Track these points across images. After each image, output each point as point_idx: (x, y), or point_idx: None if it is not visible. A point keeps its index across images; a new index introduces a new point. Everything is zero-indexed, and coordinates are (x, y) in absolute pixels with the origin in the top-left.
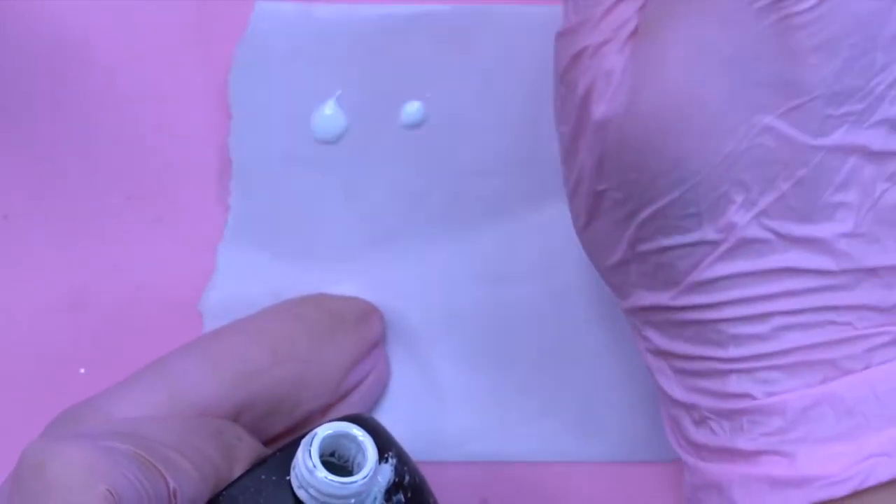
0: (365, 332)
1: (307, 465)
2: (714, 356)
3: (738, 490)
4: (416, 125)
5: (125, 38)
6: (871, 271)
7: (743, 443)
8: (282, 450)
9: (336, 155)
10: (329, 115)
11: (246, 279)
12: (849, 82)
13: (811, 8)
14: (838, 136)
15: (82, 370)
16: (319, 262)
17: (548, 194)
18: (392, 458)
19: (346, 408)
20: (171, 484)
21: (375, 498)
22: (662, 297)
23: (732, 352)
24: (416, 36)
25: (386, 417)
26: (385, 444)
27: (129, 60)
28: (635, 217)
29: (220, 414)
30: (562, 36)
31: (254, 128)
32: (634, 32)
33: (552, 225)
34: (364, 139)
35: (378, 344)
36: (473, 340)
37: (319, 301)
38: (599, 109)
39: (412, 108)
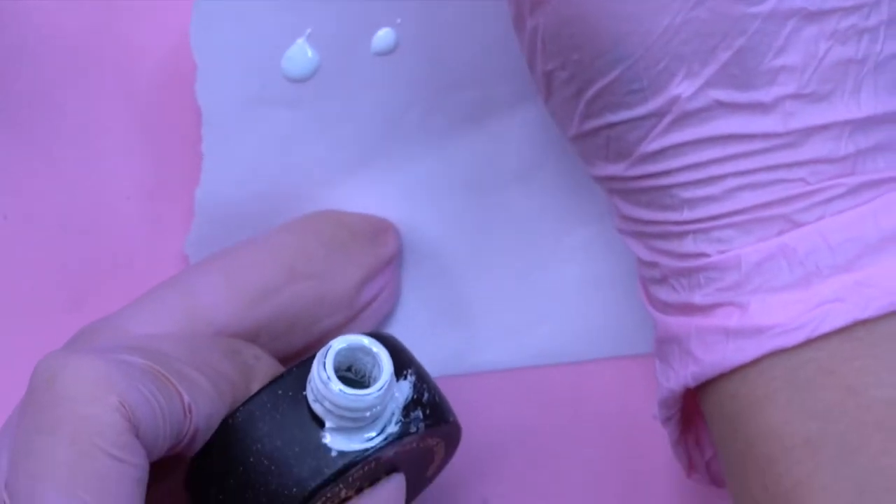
0: (380, 249)
1: (322, 378)
2: (669, 220)
3: (695, 341)
4: (388, 52)
5: (126, 38)
6: (820, 127)
7: (699, 297)
8: (298, 366)
9: (309, 91)
10: (299, 53)
11: (228, 219)
12: None
13: None
14: (774, 2)
15: None
16: (300, 191)
17: (525, 98)
18: (411, 375)
19: (359, 325)
20: (186, 399)
21: (393, 413)
22: (618, 168)
23: (686, 214)
24: None
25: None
26: (404, 362)
27: (129, 60)
28: (583, 95)
29: (238, 332)
30: None
31: (221, 74)
32: None
33: (531, 127)
34: (337, 73)
35: (392, 261)
36: (462, 250)
37: (335, 217)
38: None
39: (383, 35)
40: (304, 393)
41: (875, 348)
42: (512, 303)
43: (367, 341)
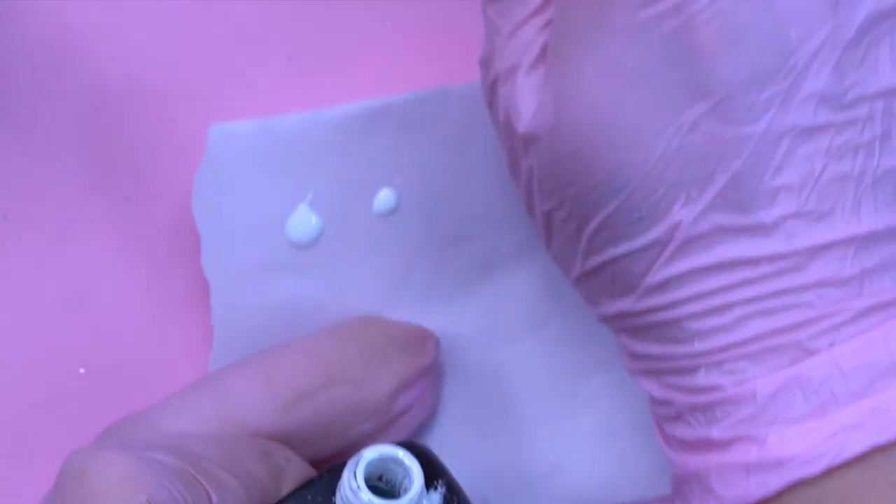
0: (418, 357)
1: (352, 487)
2: (681, 353)
3: (716, 478)
4: (390, 212)
5: (126, 38)
6: (824, 247)
7: (717, 432)
8: (329, 471)
9: (315, 256)
10: (303, 219)
11: None
12: (767, 65)
13: (710, 3)
14: (767, 121)
15: (82, 370)
16: None
17: (528, 248)
18: (441, 486)
19: (393, 432)
20: (215, 499)
21: None
22: (625, 304)
23: (697, 346)
24: (378, 128)
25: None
26: (435, 472)
27: (130, 60)
28: (583, 231)
29: (271, 433)
30: (481, 65)
31: (226, 245)
32: (543, 53)
33: (537, 277)
34: (341, 236)
35: (430, 370)
36: (475, 403)
37: (375, 323)
38: (521, 127)
39: (384, 196)
40: (334, 499)
41: (892, 475)
42: (527, 455)
43: (400, 453)
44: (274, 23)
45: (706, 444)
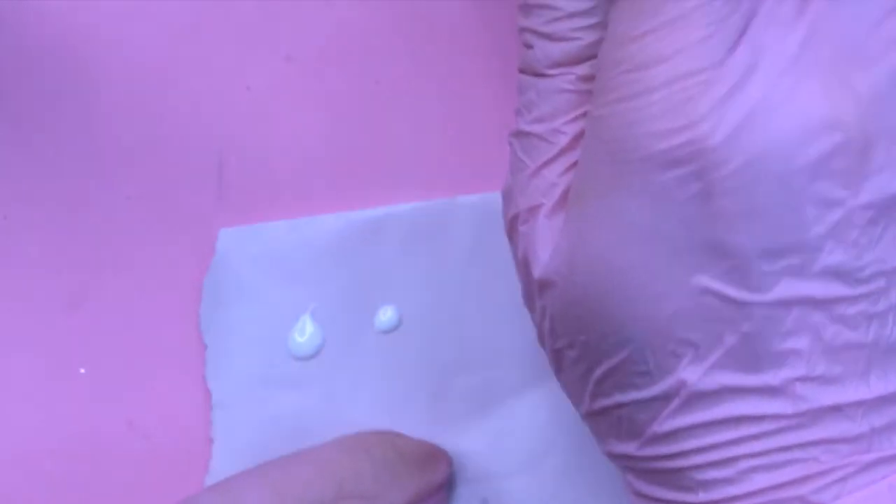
0: (429, 475)
1: None
2: (684, 501)
3: None
4: (391, 329)
5: (126, 38)
6: (832, 408)
7: None
8: None
9: (316, 370)
10: (305, 331)
11: None
12: (783, 239)
13: (732, 174)
14: (779, 291)
15: (82, 370)
16: None
17: (530, 382)
18: None
19: None
20: None
21: None
22: (629, 447)
23: (702, 497)
24: (383, 239)
25: None
26: None
27: (129, 60)
28: (591, 374)
29: None
30: (504, 195)
31: (229, 354)
32: (564, 196)
33: (539, 412)
34: (342, 350)
35: (442, 488)
36: None
37: (388, 438)
38: (537, 272)
39: (386, 314)
40: None
41: None
42: None
43: None
44: (274, 23)
45: None
